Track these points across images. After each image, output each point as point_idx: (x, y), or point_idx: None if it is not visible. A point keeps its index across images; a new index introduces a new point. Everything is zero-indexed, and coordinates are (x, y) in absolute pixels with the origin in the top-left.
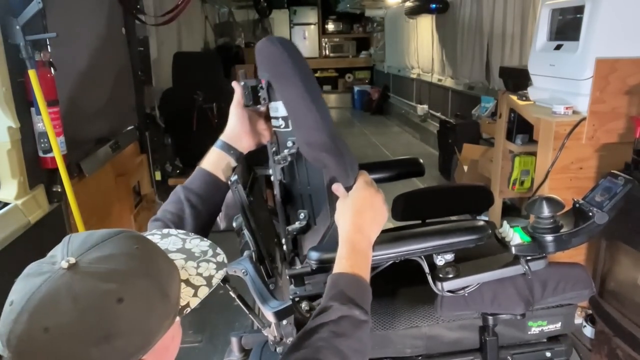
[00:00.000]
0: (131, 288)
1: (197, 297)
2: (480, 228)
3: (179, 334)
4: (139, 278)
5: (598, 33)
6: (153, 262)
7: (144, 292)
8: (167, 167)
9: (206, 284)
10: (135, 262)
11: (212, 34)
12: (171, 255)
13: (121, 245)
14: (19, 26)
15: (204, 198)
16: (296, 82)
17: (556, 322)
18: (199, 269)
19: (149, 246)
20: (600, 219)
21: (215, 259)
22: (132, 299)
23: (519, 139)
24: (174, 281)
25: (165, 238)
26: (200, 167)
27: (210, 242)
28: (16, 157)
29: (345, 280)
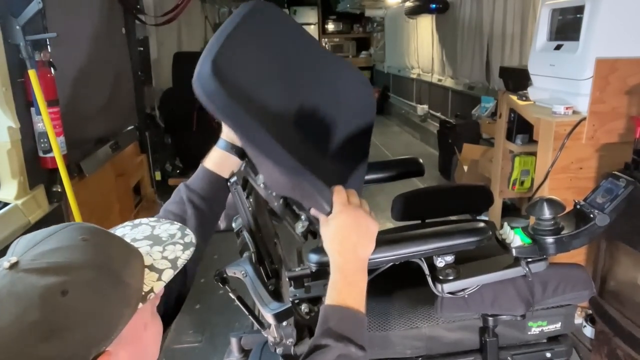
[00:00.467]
0: (75, 279)
1: (162, 280)
2: (481, 230)
3: (154, 324)
4: (84, 268)
5: (598, 33)
6: (102, 250)
7: (91, 281)
8: (167, 167)
9: (171, 267)
10: (80, 253)
11: (212, 34)
12: (137, 243)
13: (65, 237)
14: (19, 26)
15: (207, 198)
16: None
17: (556, 323)
18: (164, 252)
19: (98, 236)
20: (602, 221)
21: (182, 240)
22: (77, 290)
23: (519, 139)
24: (132, 267)
25: (135, 228)
26: (203, 165)
27: (181, 225)
28: (16, 157)
29: (339, 315)
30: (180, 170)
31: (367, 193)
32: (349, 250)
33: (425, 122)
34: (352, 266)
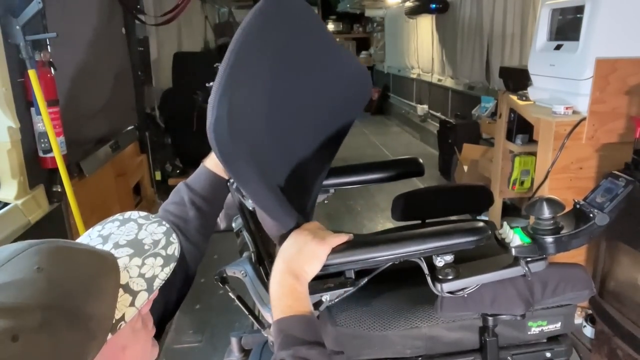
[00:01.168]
0: (25, 323)
1: (134, 306)
2: (480, 229)
3: (136, 341)
4: (34, 310)
5: (598, 33)
6: (59, 284)
7: (43, 324)
8: (167, 167)
9: (146, 289)
10: (31, 290)
11: (212, 34)
12: (118, 251)
13: (20, 267)
14: (19, 26)
15: (209, 199)
16: None
17: (556, 322)
18: (142, 267)
19: (56, 262)
20: (601, 220)
21: (165, 250)
22: (29, 335)
23: (519, 139)
24: (99, 294)
25: (123, 225)
26: (204, 165)
27: (168, 228)
28: (16, 157)
29: (285, 324)
30: (180, 170)
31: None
32: (282, 266)
33: (425, 122)
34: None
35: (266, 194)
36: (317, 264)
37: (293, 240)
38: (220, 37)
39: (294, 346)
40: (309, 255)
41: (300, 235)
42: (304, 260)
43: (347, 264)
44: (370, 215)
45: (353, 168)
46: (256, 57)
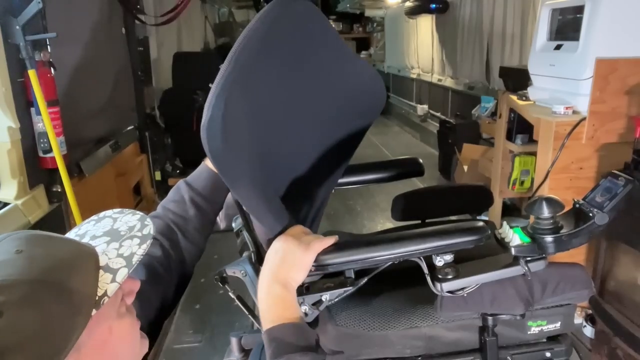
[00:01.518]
0: (9, 298)
1: (116, 282)
2: (480, 229)
3: (122, 323)
4: (17, 285)
5: (598, 33)
6: (40, 261)
7: (27, 297)
8: (167, 167)
9: (125, 265)
10: (13, 268)
11: (212, 34)
12: (95, 241)
13: (1, 251)
14: (19, 26)
15: (209, 198)
16: None
17: (556, 322)
18: (120, 249)
19: (35, 245)
20: (601, 219)
21: (141, 232)
22: (13, 310)
23: (519, 139)
24: (80, 273)
25: (98, 222)
26: (205, 164)
27: (142, 215)
28: (16, 157)
29: (276, 334)
30: (180, 170)
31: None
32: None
33: (425, 122)
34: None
35: (254, 197)
36: (302, 272)
37: (278, 247)
38: (220, 37)
39: (286, 354)
40: (294, 262)
41: (285, 242)
42: (289, 267)
43: (346, 263)
44: (370, 215)
45: (353, 168)
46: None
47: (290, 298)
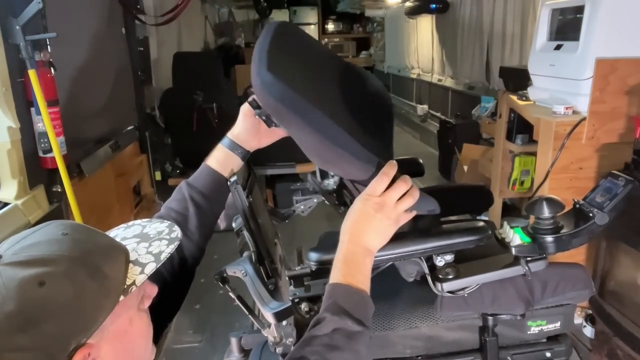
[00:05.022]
0: (53, 270)
1: (144, 273)
2: (480, 229)
3: (141, 319)
4: (61, 260)
5: (598, 33)
6: (81, 244)
7: (68, 272)
8: (167, 167)
9: (154, 260)
10: (59, 246)
11: (212, 34)
12: (126, 242)
13: (48, 233)
14: (19, 26)
15: (209, 197)
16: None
17: (555, 322)
18: (149, 247)
19: (78, 231)
20: (601, 219)
21: (169, 235)
22: (54, 281)
23: (519, 139)
24: (113, 261)
25: (128, 228)
26: (206, 164)
27: (170, 222)
28: (16, 157)
29: (339, 291)
30: (180, 170)
31: None
32: (356, 234)
33: (425, 122)
34: (354, 248)
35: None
36: (384, 242)
37: (369, 209)
38: (220, 37)
39: (341, 314)
40: (380, 231)
41: (379, 208)
42: (375, 234)
43: None
44: None
45: None
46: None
47: (367, 263)
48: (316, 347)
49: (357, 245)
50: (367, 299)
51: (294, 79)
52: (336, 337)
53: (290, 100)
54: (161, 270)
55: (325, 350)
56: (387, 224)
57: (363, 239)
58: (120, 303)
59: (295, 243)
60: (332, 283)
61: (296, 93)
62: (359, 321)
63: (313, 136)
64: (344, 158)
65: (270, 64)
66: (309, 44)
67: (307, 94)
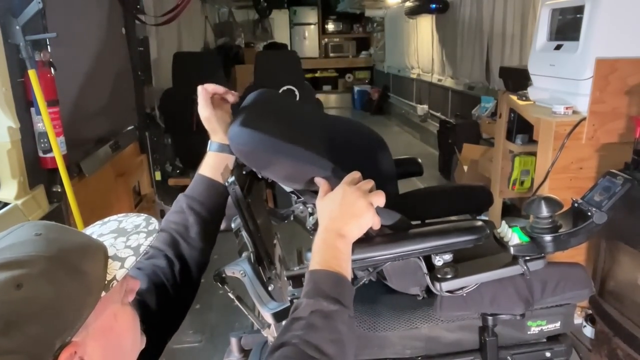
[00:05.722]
0: (29, 272)
1: (124, 267)
2: (479, 228)
3: (126, 313)
4: (37, 260)
5: (598, 33)
6: (56, 243)
7: (45, 272)
8: (167, 167)
9: (133, 254)
10: (33, 247)
11: (212, 34)
12: (103, 238)
13: (20, 234)
14: (19, 26)
15: (207, 204)
16: None
17: (555, 322)
18: (127, 242)
19: (52, 230)
20: (599, 218)
21: (146, 228)
22: (32, 283)
23: (519, 139)
24: (91, 258)
25: (104, 225)
26: (199, 173)
27: (146, 215)
28: (16, 157)
29: (315, 276)
30: (180, 170)
31: None
32: (333, 222)
33: (425, 122)
34: (331, 235)
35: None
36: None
37: (337, 196)
38: (220, 37)
39: (316, 297)
40: (354, 214)
41: (348, 192)
42: (348, 218)
43: None
44: None
45: None
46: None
47: (342, 248)
48: (296, 331)
49: (335, 231)
50: (343, 279)
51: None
52: (314, 318)
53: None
54: (162, 279)
55: (305, 333)
56: (365, 210)
57: (342, 227)
58: (103, 299)
59: (295, 243)
60: (310, 270)
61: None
62: (335, 300)
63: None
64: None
65: (243, 122)
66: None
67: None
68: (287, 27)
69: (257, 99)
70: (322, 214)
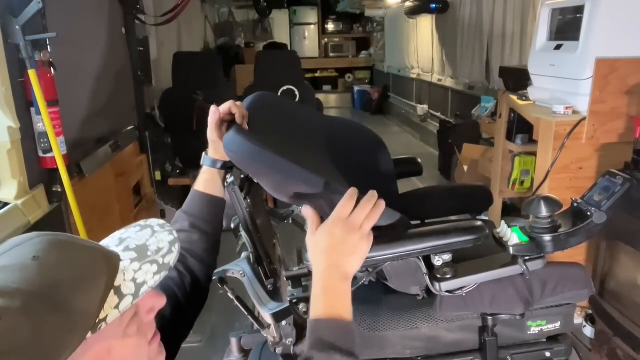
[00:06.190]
0: (9, 304)
1: (118, 309)
2: (478, 228)
3: (125, 347)
4: (20, 293)
5: (598, 33)
6: (50, 272)
7: (26, 307)
8: (167, 167)
9: (133, 294)
10: (23, 275)
11: (212, 34)
12: (125, 254)
13: (19, 254)
14: (19, 26)
15: (208, 219)
16: None
17: (555, 322)
18: (137, 272)
19: (53, 253)
20: (599, 218)
21: (163, 259)
22: (10, 316)
23: (519, 139)
24: (86, 290)
25: (141, 230)
26: (195, 190)
27: (175, 237)
28: (16, 157)
29: (322, 325)
30: (180, 170)
31: None
32: (332, 262)
33: (425, 122)
34: (332, 276)
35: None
36: (360, 260)
37: (333, 231)
38: (220, 37)
39: (329, 350)
40: (351, 250)
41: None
42: (347, 254)
43: None
44: None
45: None
46: None
47: (347, 289)
48: None
49: (335, 272)
50: (351, 328)
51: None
52: None
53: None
54: (174, 289)
55: None
56: (360, 243)
57: (341, 265)
58: (93, 336)
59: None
60: (314, 319)
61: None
62: (348, 352)
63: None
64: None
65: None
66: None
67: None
68: (287, 27)
69: (255, 103)
70: (314, 255)
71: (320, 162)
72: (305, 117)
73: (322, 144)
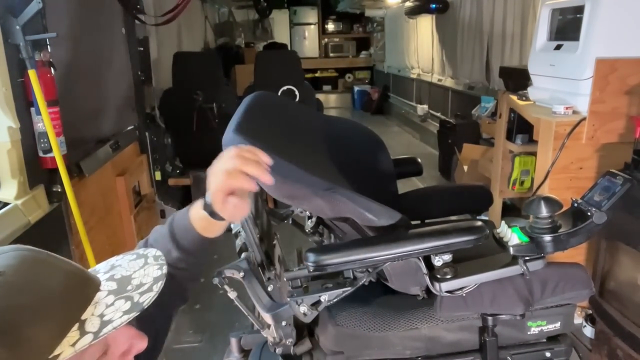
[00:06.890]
0: None
1: (74, 347)
2: (478, 228)
3: None
4: None
5: (598, 33)
6: (9, 294)
7: None
8: (167, 167)
9: (94, 332)
10: None
11: (212, 34)
12: (106, 284)
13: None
14: (19, 26)
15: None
16: None
17: (555, 322)
18: (108, 307)
19: (21, 271)
20: (599, 218)
21: (140, 296)
22: None
23: (519, 139)
24: (45, 321)
25: (135, 260)
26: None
27: (162, 274)
28: (16, 157)
29: None
30: (180, 170)
31: None
32: None
33: (425, 122)
34: None
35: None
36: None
37: None
38: (220, 37)
39: None
40: None
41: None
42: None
43: (345, 264)
44: None
45: None
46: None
47: None
48: None
49: None
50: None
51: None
52: None
53: None
54: None
55: None
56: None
57: None
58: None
59: (295, 243)
60: None
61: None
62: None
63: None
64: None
65: (237, 128)
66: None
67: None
68: (287, 27)
69: (254, 103)
70: None
71: (319, 162)
72: (305, 117)
73: (322, 144)
